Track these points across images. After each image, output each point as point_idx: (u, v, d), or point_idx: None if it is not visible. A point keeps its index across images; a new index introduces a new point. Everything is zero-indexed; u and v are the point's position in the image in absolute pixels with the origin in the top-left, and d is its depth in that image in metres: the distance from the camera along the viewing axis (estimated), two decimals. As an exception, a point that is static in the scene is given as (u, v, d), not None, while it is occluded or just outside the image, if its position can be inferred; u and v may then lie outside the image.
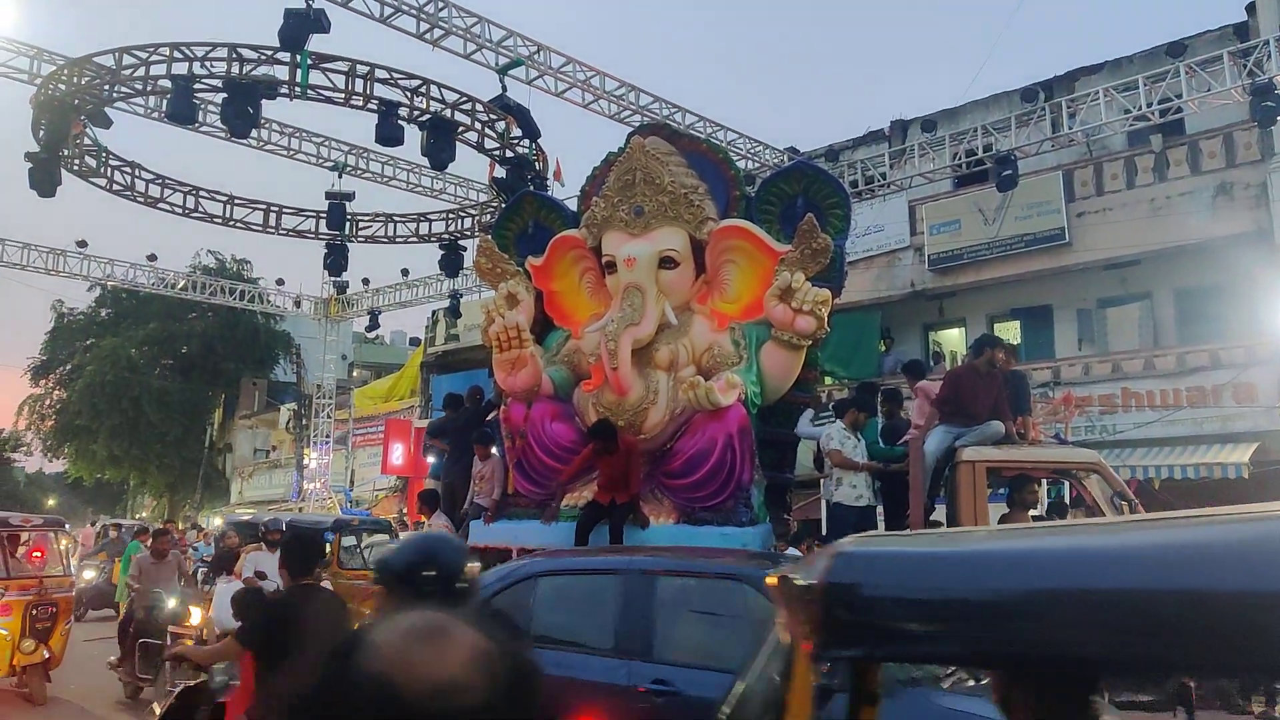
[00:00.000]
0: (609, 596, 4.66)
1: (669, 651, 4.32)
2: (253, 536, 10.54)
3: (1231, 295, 14.07)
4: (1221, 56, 12.28)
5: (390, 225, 18.27)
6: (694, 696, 3.89)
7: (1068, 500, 8.71)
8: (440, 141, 12.14)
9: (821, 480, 8.06)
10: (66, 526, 10.69)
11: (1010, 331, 16.80)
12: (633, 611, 4.38)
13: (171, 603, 8.98)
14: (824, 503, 7.85)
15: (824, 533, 8.13)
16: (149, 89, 12.77)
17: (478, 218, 17.19)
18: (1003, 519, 7.09)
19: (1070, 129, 13.61)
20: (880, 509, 7.88)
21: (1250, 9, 14.50)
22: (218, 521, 26.11)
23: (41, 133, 12.66)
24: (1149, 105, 12.61)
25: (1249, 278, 13.58)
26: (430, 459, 10.82)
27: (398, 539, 10.92)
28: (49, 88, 12.44)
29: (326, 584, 9.21)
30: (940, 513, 7.60)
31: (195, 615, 8.69)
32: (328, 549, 10.09)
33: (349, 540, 11.04)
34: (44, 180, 12.68)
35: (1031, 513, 7.63)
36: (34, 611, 8.34)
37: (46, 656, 8.48)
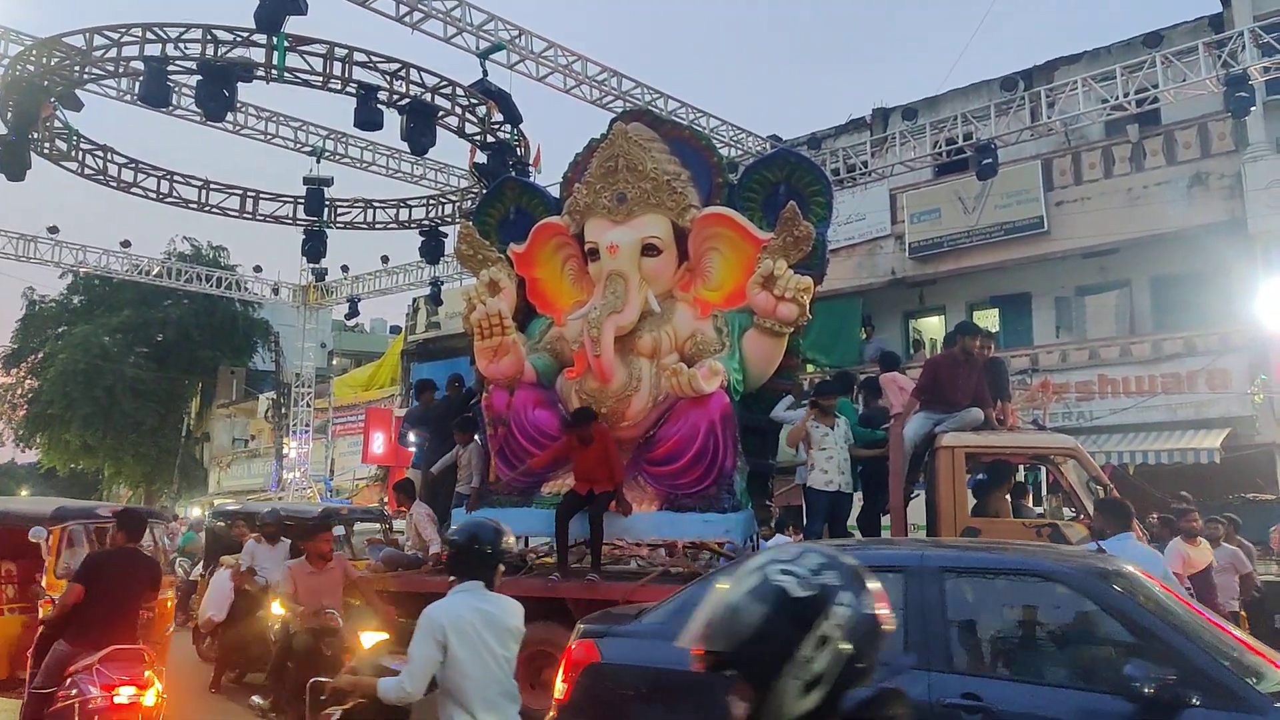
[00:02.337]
0: (893, 598, 4.12)
1: (974, 661, 3.84)
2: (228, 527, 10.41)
3: (1206, 283, 14.26)
4: (1197, 48, 12.40)
5: (370, 211, 18.11)
6: (1009, 712, 3.47)
7: (1045, 485, 8.80)
8: (420, 126, 12.03)
9: (798, 466, 8.12)
10: (173, 519, 9.46)
11: (989, 319, 16.95)
12: (926, 615, 3.77)
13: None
14: (802, 488, 7.91)
15: (805, 518, 8.18)
16: (121, 70, 12.54)
17: (458, 204, 17.07)
18: (981, 501, 7.17)
19: (1049, 118, 13.71)
20: (859, 495, 7.95)
21: (1225, 1, 14.64)
22: (197, 512, 25.89)
23: (9, 115, 12.40)
24: (1126, 95, 12.72)
25: (1223, 266, 13.78)
26: (411, 447, 10.67)
27: (389, 527, 10.83)
28: (17, 68, 12.18)
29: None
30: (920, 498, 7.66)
31: (368, 641, 6.35)
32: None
33: (337, 530, 10.76)
34: (12, 163, 12.44)
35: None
36: None
37: None
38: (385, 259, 22.42)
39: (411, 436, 10.40)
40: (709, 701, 3.97)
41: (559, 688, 4.33)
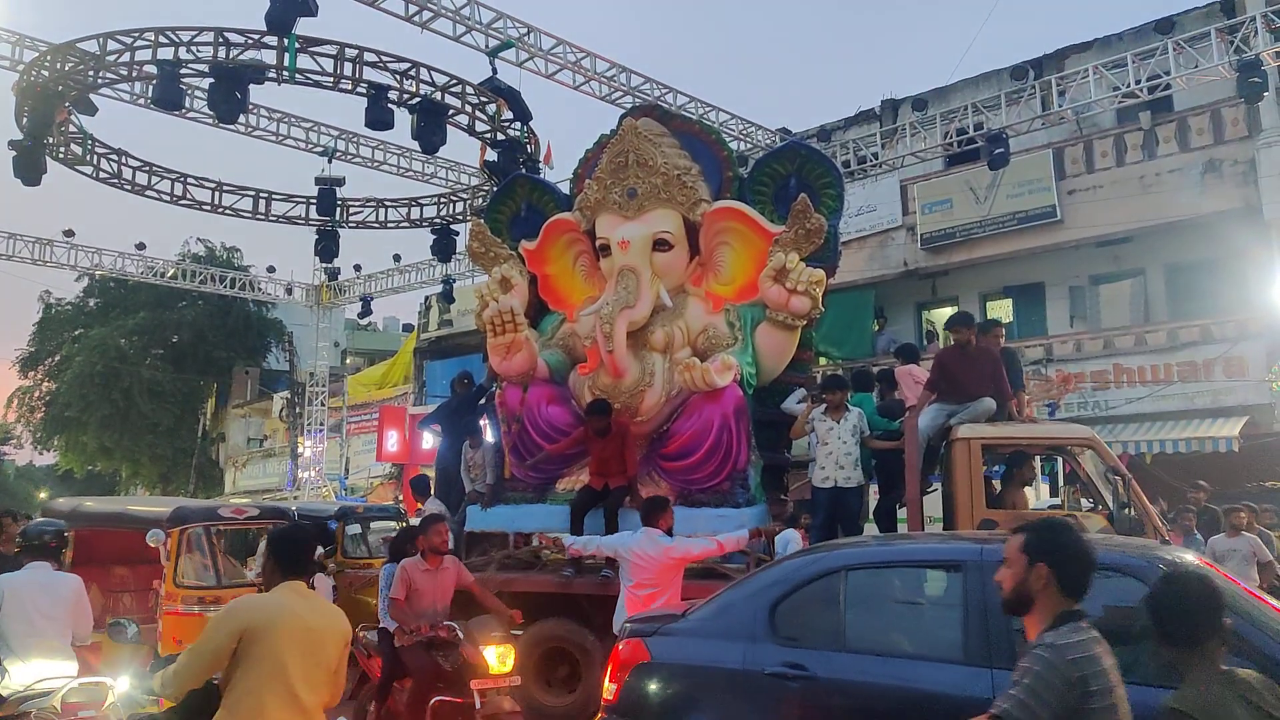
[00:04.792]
0: (951, 593, 3.95)
1: None
2: None
3: (1221, 270, 14.15)
4: (1209, 33, 12.29)
5: (381, 210, 18.19)
6: None
7: (1061, 476, 8.77)
8: (431, 125, 12.06)
9: (811, 461, 8.12)
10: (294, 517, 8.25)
11: (1003, 309, 16.88)
12: (988, 611, 3.64)
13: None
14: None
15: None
16: (134, 74, 12.64)
17: (469, 202, 17.13)
18: (1000, 494, 7.14)
19: (1060, 107, 13.61)
20: (875, 488, 7.93)
21: (1238, -15, 14.49)
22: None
23: (25, 120, 12.51)
24: (1138, 82, 12.63)
25: (1238, 253, 13.67)
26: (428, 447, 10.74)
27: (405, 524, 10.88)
28: (32, 74, 12.29)
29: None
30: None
31: (494, 656, 5.51)
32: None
33: (353, 529, 10.60)
34: (29, 168, 12.55)
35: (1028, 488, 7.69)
36: None
37: None
38: (397, 257, 22.52)
39: (427, 433, 10.47)
40: (761, 699, 3.91)
41: (608, 688, 4.23)
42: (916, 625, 4.23)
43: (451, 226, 17.16)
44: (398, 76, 12.17)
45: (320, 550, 9.29)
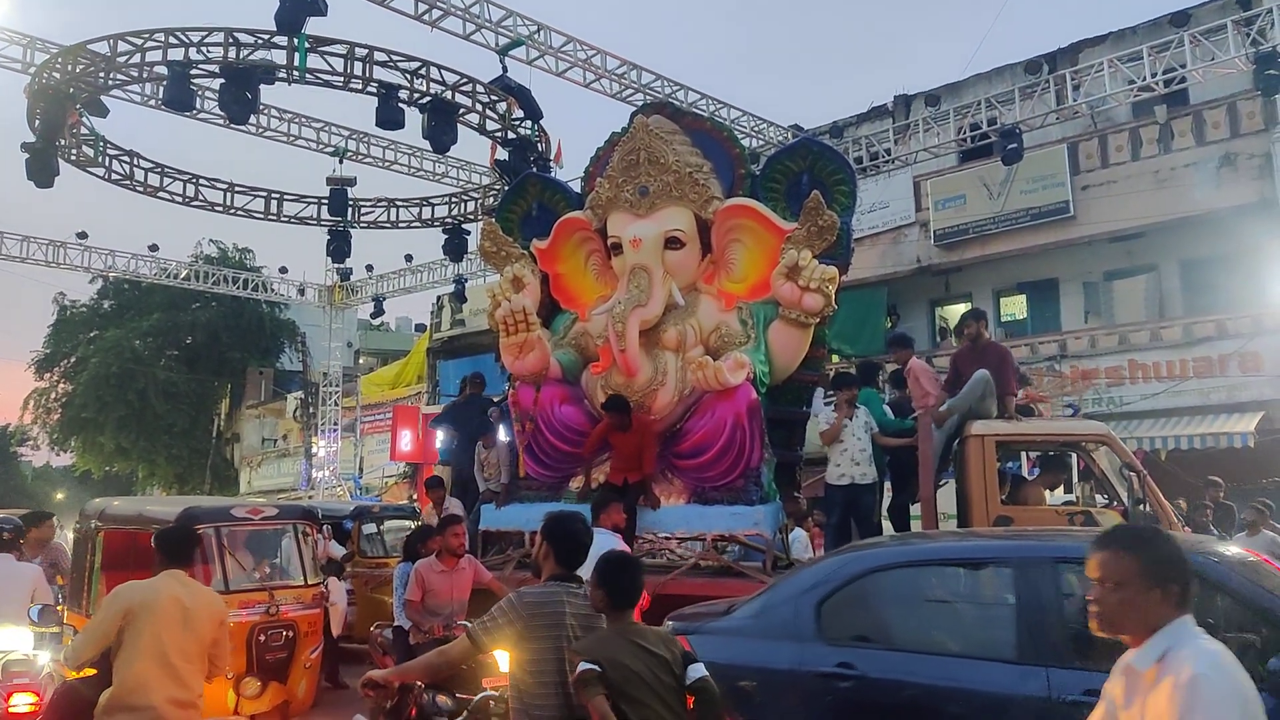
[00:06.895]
0: (998, 591, 3.94)
1: (1095, 657, 3.54)
2: None
3: (1237, 266, 14.04)
4: (1225, 26, 12.18)
5: (393, 210, 18.23)
6: None
7: (1076, 472, 8.70)
8: (441, 124, 12.07)
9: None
10: (320, 518, 7.75)
11: (1017, 305, 16.80)
12: (1039, 609, 3.64)
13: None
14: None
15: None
16: (145, 76, 12.70)
17: (481, 201, 17.14)
18: (1019, 491, 7.08)
19: (1074, 101, 13.52)
20: (889, 484, 7.90)
21: (1254, -24, 14.34)
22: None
23: (37, 122, 12.57)
24: (1153, 76, 12.51)
25: (1254, 248, 13.55)
26: (439, 447, 10.75)
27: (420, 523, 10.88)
28: (43, 76, 12.35)
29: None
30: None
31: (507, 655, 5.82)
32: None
33: (369, 528, 10.56)
34: (41, 171, 12.62)
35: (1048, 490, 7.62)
36: (260, 637, 5.89)
37: (283, 701, 6.06)
38: (409, 257, 22.56)
39: (440, 433, 10.49)
40: (812, 699, 3.86)
41: None
42: (968, 623, 4.18)
43: (463, 226, 17.19)
44: (408, 76, 12.18)
45: (340, 551, 9.34)
